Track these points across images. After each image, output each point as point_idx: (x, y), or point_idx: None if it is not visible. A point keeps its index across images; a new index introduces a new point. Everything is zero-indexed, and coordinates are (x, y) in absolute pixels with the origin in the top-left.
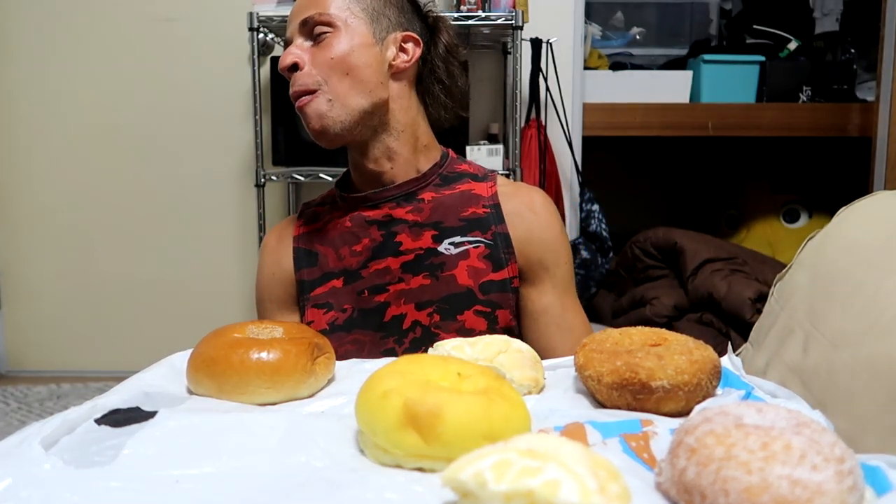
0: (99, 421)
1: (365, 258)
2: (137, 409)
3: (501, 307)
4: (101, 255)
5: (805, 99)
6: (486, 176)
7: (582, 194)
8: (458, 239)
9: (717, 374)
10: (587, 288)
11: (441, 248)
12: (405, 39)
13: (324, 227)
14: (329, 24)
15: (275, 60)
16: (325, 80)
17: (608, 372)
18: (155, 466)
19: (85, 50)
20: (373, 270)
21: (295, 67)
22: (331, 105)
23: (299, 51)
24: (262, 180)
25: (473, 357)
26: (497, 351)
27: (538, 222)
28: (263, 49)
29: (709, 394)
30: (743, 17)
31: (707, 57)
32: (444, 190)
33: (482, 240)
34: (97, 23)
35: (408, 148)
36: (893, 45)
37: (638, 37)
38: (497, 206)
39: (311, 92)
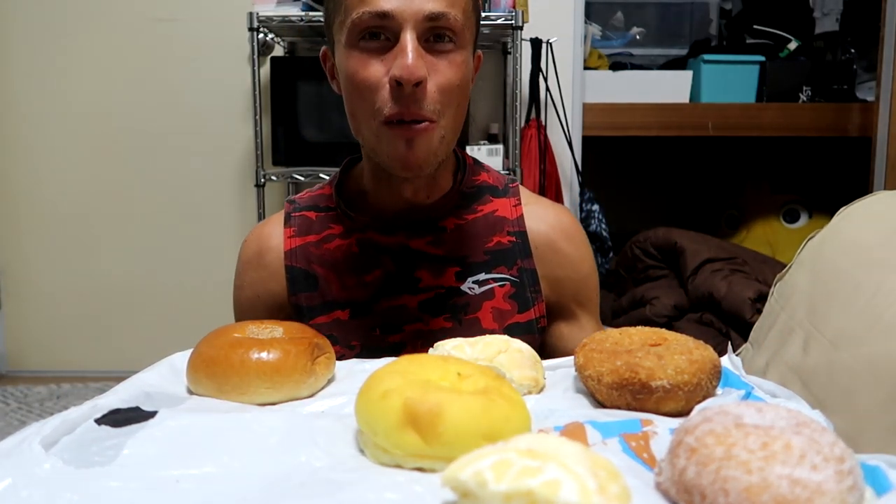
0: (99, 421)
1: (376, 291)
2: (137, 409)
3: None
4: (101, 255)
5: (805, 99)
6: (508, 188)
7: (582, 194)
8: (482, 276)
9: (717, 374)
10: None
11: (464, 288)
12: (477, 59)
13: (321, 244)
14: (458, 35)
15: (275, 61)
16: (443, 110)
17: (608, 372)
18: (155, 466)
19: (85, 50)
20: (386, 307)
21: (418, 83)
22: (441, 142)
23: (422, 62)
24: (262, 180)
25: (473, 357)
26: (497, 351)
27: (573, 256)
28: (263, 49)
29: (709, 394)
30: (743, 17)
31: (707, 57)
32: (465, 214)
33: (508, 277)
34: (97, 23)
35: (446, 174)
36: (893, 45)
37: (638, 37)
38: (523, 235)
39: (431, 121)
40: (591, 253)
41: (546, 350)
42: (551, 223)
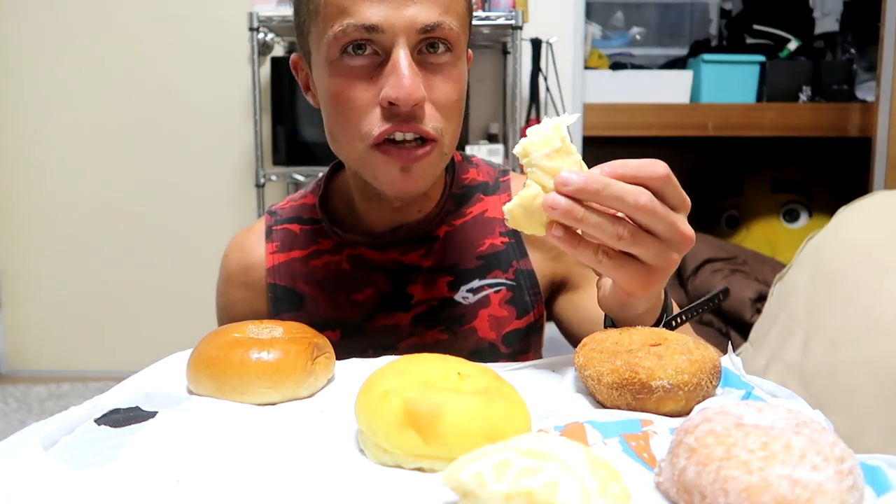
0: (99, 421)
1: (369, 311)
2: (137, 408)
3: (526, 353)
4: (100, 255)
5: (805, 99)
6: (499, 184)
7: None
8: (476, 283)
9: (717, 374)
10: None
11: (458, 297)
12: (468, 59)
13: (308, 260)
14: (454, 44)
15: (275, 61)
16: (445, 127)
17: (608, 371)
18: (155, 466)
19: (85, 50)
20: (379, 326)
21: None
22: (440, 159)
23: (419, 80)
24: (262, 180)
25: None
26: None
27: None
28: (263, 49)
29: (709, 393)
30: (743, 17)
31: (707, 57)
32: (455, 219)
33: (503, 281)
34: (97, 23)
35: (438, 182)
36: (893, 45)
37: (638, 37)
38: (517, 233)
39: (433, 140)
40: None
41: (563, 322)
42: None
